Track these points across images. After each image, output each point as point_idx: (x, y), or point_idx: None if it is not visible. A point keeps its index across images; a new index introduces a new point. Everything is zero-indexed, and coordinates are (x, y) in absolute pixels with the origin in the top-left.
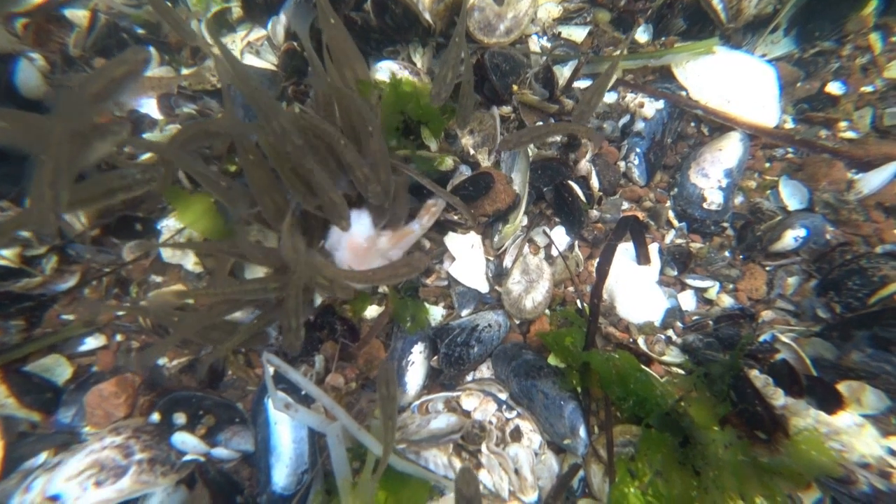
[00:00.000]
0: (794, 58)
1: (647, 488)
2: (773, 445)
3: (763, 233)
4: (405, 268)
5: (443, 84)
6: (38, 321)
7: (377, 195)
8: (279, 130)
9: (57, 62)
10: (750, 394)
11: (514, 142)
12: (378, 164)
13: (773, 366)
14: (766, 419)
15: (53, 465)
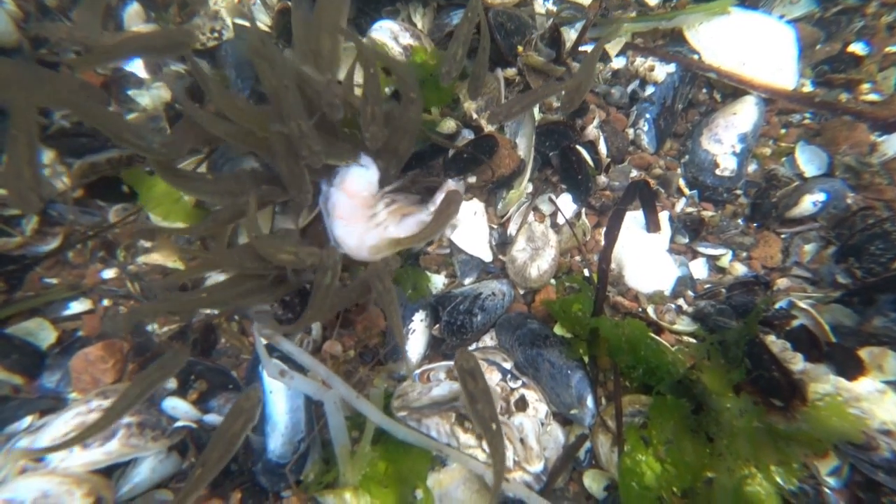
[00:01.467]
0: (815, 18)
1: (665, 455)
2: (789, 412)
3: (779, 199)
4: (447, 211)
5: (453, 62)
6: (18, 284)
7: (375, 136)
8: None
9: (30, 10)
10: (766, 359)
11: (503, 113)
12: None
13: (790, 331)
14: (784, 385)
15: (38, 428)
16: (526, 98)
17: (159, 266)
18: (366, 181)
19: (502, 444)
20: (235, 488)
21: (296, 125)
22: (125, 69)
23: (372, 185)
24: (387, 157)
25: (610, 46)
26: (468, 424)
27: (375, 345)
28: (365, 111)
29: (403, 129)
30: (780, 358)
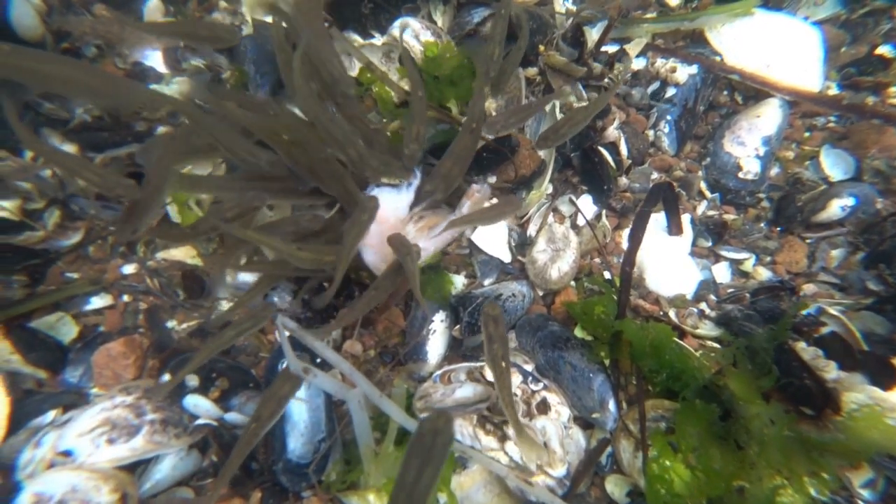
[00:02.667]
0: (841, 19)
1: (696, 462)
2: (820, 421)
3: (804, 203)
4: (504, 207)
5: (491, 61)
6: (41, 278)
7: (413, 155)
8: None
9: (54, 4)
10: (796, 367)
11: (500, 124)
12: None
13: (820, 339)
14: (816, 393)
15: (63, 423)
16: (523, 110)
17: (178, 262)
18: (393, 207)
19: (509, 381)
20: (256, 487)
21: (354, 151)
22: (145, 63)
23: (400, 210)
24: (437, 181)
25: (630, 47)
26: (489, 426)
27: (395, 345)
28: (410, 129)
29: (458, 154)
30: (811, 366)
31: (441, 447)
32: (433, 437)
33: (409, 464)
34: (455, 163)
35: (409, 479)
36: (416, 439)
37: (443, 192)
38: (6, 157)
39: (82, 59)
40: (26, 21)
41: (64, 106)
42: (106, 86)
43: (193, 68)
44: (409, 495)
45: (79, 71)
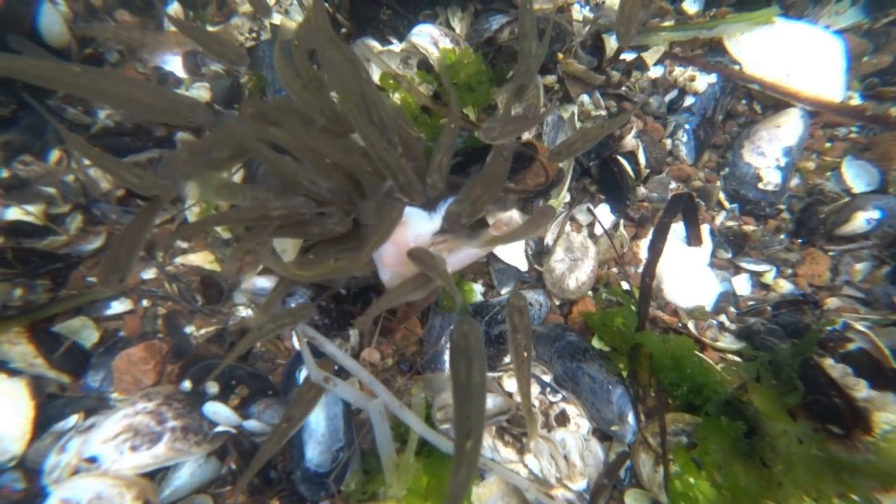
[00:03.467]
0: (863, 28)
1: (724, 480)
2: (850, 441)
3: (827, 215)
4: (535, 225)
5: (530, 57)
6: (63, 282)
7: (435, 184)
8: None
9: (79, 10)
10: (824, 384)
11: (497, 131)
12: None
13: (847, 355)
14: (846, 412)
15: (87, 428)
16: (522, 121)
17: (196, 267)
18: (414, 234)
19: (529, 371)
20: (274, 496)
21: (403, 177)
22: (165, 68)
23: (421, 237)
24: (464, 205)
25: (648, 55)
26: (508, 437)
27: (413, 353)
28: (435, 159)
29: (489, 181)
30: (840, 383)
31: (476, 343)
32: (466, 339)
33: (458, 366)
34: (486, 189)
35: (463, 378)
36: (454, 346)
37: (468, 217)
38: (32, 161)
39: (105, 64)
40: (54, 28)
41: (86, 111)
42: (166, 105)
43: (212, 73)
44: (469, 391)
45: (145, 91)
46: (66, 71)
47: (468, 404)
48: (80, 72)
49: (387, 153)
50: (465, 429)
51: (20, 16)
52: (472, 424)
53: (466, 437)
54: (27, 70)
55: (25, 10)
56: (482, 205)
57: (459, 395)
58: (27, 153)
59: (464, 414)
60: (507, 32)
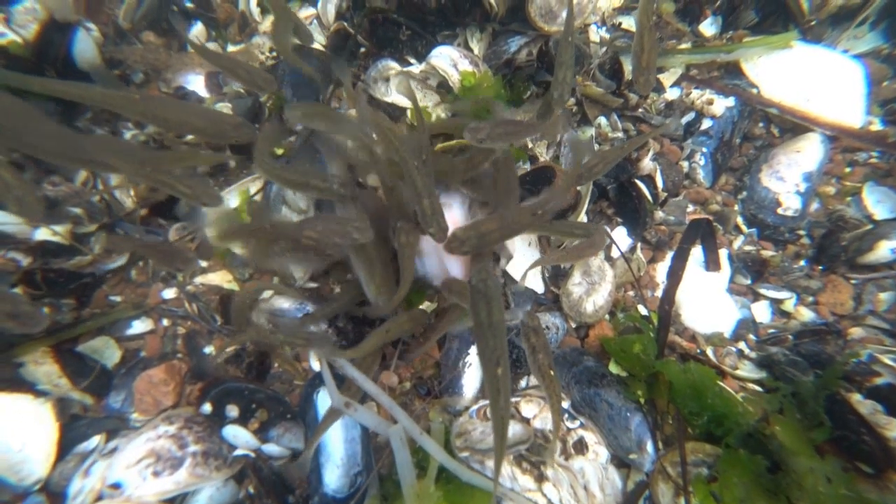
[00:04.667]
0: (883, 53)
1: None
2: (881, 482)
3: (848, 242)
4: (591, 248)
5: (565, 86)
6: (87, 301)
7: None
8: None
9: (109, 34)
10: (852, 421)
11: (486, 132)
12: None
13: (875, 389)
14: (876, 452)
15: (110, 451)
16: (514, 127)
17: (216, 287)
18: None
19: (559, 389)
20: None
21: (428, 203)
22: (187, 88)
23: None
24: (471, 235)
25: (665, 77)
26: (526, 465)
27: (430, 377)
28: (421, 205)
29: (507, 226)
30: (870, 421)
31: (494, 286)
32: (485, 283)
33: (478, 308)
34: (500, 231)
35: (484, 317)
36: (474, 290)
37: (472, 248)
38: (60, 182)
39: (130, 84)
40: (87, 53)
41: (113, 132)
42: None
43: (234, 93)
44: (491, 327)
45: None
46: (129, 99)
47: (492, 339)
48: (139, 99)
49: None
50: (493, 359)
51: (57, 43)
52: (498, 354)
53: (496, 365)
54: (97, 98)
55: (62, 38)
56: (492, 242)
57: (482, 333)
58: (56, 174)
59: (489, 348)
60: (525, 54)
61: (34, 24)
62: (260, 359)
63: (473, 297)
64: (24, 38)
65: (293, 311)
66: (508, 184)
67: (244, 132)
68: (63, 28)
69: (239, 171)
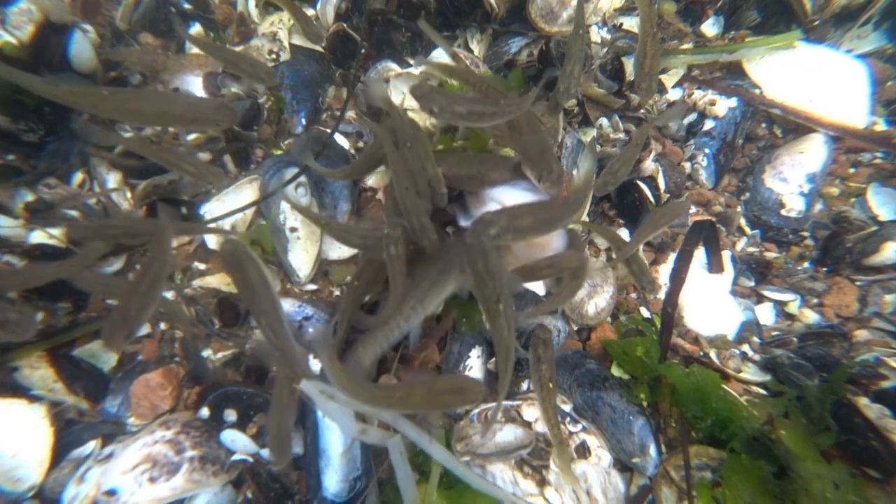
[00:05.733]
0: (887, 53)
1: None
2: (890, 487)
3: (853, 244)
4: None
5: (571, 79)
6: (83, 304)
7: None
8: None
9: (106, 35)
10: (859, 425)
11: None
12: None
13: (882, 393)
14: (885, 457)
15: (105, 457)
16: (472, 101)
17: (213, 289)
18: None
19: (554, 403)
20: None
21: (417, 221)
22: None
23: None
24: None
25: (666, 78)
26: (528, 469)
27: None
28: (412, 223)
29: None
30: (878, 425)
31: (488, 241)
32: (480, 239)
33: (475, 260)
34: (535, 224)
35: (480, 266)
36: (470, 247)
37: (503, 237)
38: (56, 184)
39: (128, 86)
40: (84, 55)
41: None
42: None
43: (232, 94)
44: (489, 273)
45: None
46: (97, 95)
47: (490, 281)
48: (108, 94)
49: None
50: (493, 297)
51: (53, 45)
52: (497, 292)
53: (497, 302)
54: (63, 95)
55: (58, 39)
56: (523, 236)
57: (480, 280)
58: (52, 176)
59: (487, 288)
60: (526, 55)
61: (29, 25)
62: (258, 362)
63: (470, 252)
64: (20, 39)
65: (292, 314)
66: (541, 145)
67: (224, 114)
68: (59, 30)
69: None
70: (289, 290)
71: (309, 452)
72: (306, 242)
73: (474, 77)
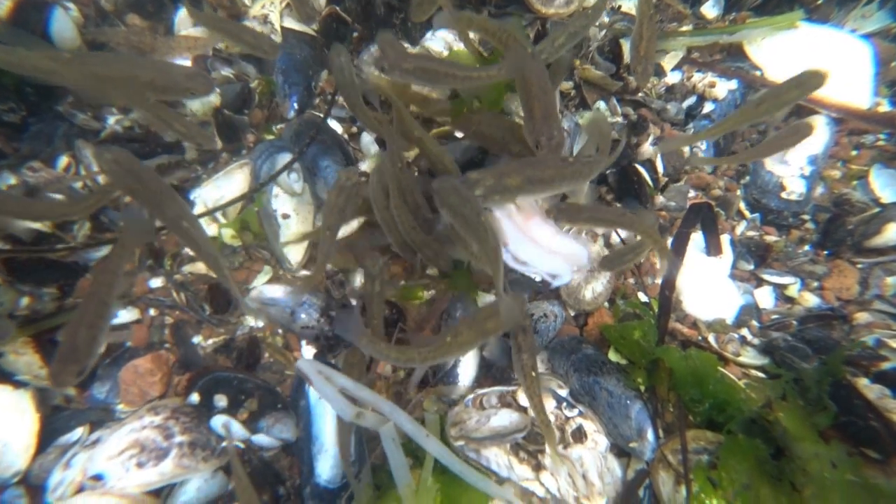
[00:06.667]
0: (892, 32)
1: (734, 500)
2: (889, 467)
3: (855, 226)
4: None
5: (551, 49)
6: (70, 290)
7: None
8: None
9: (90, 15)
10: (859, 405)
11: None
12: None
13: (882, 374)
14: (884, 436)
15: (92, 443)
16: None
17: (204, 276)
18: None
19: (539, 390)
20: None
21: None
22: None
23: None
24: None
25: (665, 60)
26: (523, 454)
27: None
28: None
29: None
30: (878, 405)
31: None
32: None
33: (453, 203)
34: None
35: (457, 203)
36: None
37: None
38: (40, 168)
39: None
40: (66, 34)
41: (95, 116)
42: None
43: (222, 78)
44: (466, 204)
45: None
46: (56, 59)
47: (466, 208)
48: (70, 58)
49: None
50: (474, 211)
51: (33, 22)
52: (476, 211)
53: (477, 216)
54: (17, 62)
55: (38, 16)
56: (512, 196)
57: (459, 214)
58: (36, 160)
59: (464, 209)
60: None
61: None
62: (250, 349)
63: (442, 194)
64: None
65: (285, 299)
66: (546, 108)
67: (199, 82)
68: (40, 6)
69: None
70: (281, 276)
71: (301, 439)
72: (298, 227)
73: (493, 26)
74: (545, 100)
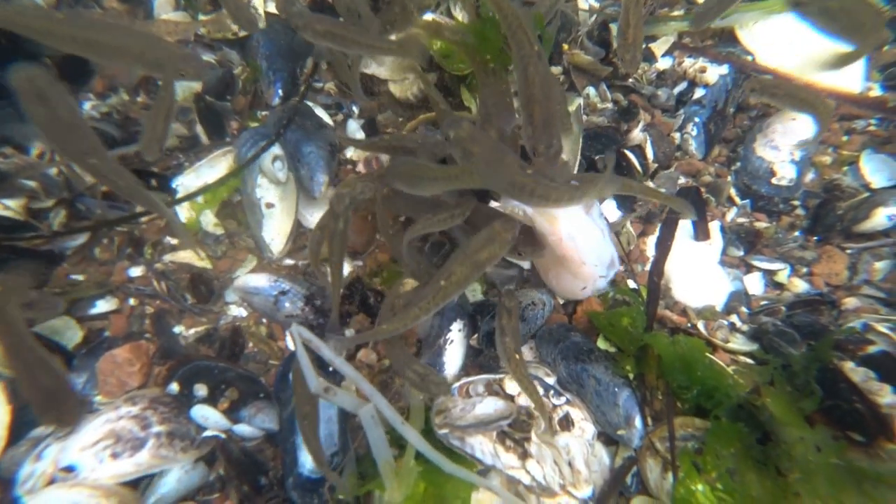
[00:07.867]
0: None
1: (716, 482)
2: (873, 450)
3: (844, 212)
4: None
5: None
6: (46, 280)
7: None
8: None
9: None
10: (844, 389)
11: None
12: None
13: (868, 358)
14: (868, 419)
15: (66, 434)
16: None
17: (186, 265)
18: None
19: (525, 370)
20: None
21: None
22: None
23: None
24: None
25: (656, 45)
26: (509, 442)
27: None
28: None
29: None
30: (863, 388)
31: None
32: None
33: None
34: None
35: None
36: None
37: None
38: (12, 154)
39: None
40: None
41: None
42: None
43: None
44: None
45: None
46: (49, 18)
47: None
48: (63, 19)
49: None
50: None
51: None
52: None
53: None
54: (7, 16)
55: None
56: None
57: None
58: (7, 145)
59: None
60: None
61: None
62: (233, 338)
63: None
64: None
65: (268, 289)
66: (547, 113)
67: (191, 65)
68: None
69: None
70: (264, 265)
71: (284, 429)
72: (282, 216)
73: (508, 6)
74: (547, 105)
